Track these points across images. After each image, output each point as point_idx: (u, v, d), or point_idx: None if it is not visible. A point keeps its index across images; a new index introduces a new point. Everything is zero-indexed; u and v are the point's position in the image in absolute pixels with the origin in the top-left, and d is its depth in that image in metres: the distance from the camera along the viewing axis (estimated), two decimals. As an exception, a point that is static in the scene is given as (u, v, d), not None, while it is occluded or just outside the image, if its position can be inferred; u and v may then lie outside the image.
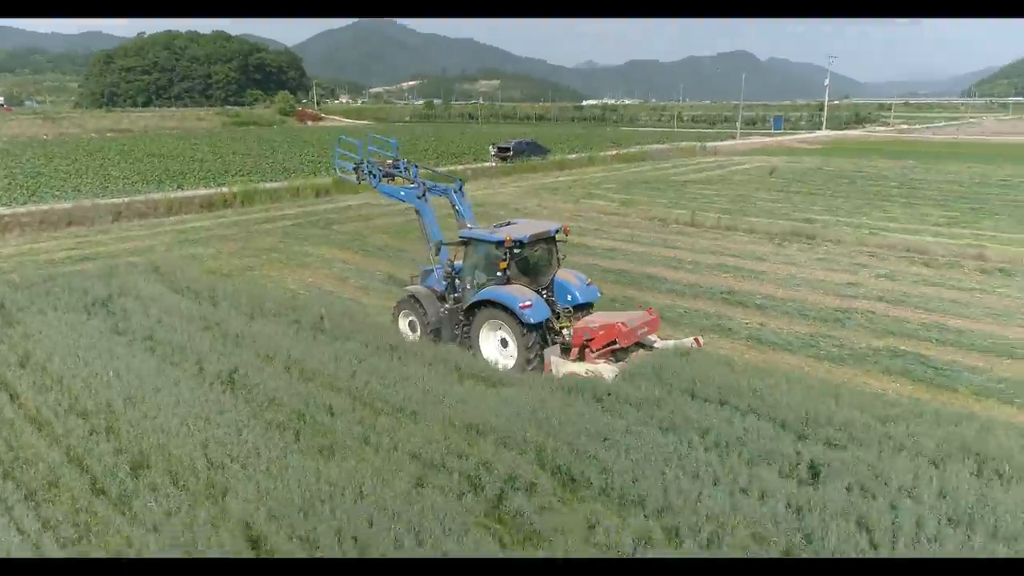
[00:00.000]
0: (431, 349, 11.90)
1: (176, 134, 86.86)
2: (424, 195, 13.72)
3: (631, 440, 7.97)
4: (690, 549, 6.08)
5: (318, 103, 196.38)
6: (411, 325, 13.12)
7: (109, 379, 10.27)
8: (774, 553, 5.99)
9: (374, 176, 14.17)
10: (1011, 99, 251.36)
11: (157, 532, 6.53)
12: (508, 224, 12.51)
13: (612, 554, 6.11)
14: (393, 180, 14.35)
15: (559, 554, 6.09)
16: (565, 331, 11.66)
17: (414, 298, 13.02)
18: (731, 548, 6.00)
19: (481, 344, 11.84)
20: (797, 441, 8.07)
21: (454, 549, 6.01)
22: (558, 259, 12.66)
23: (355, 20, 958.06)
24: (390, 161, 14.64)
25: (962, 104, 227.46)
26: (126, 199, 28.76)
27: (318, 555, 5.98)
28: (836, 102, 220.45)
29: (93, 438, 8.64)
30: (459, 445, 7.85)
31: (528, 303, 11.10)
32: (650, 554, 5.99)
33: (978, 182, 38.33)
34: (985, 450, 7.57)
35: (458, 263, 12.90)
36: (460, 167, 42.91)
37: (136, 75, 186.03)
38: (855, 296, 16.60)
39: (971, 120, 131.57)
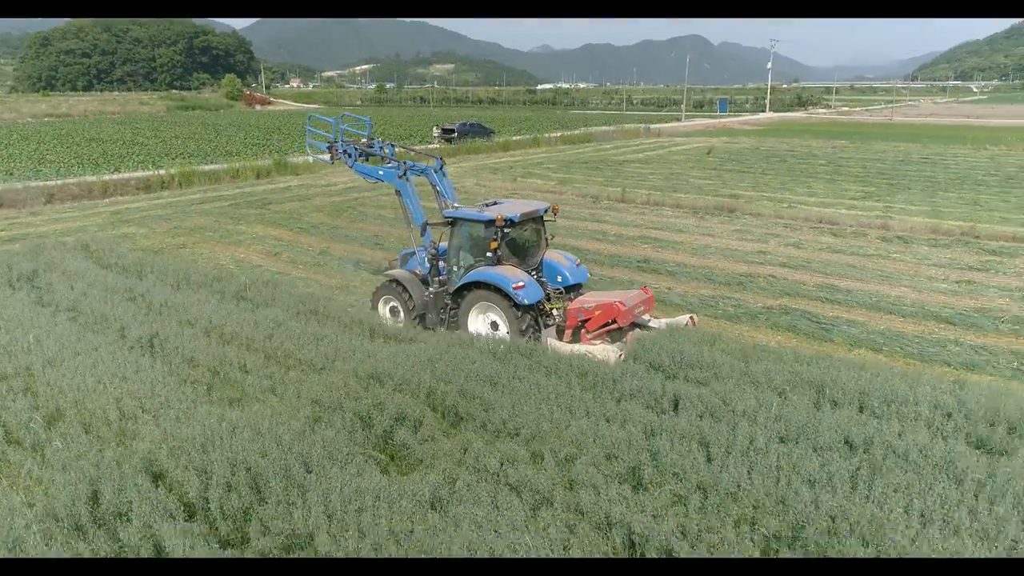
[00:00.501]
0: (349, 315, 12.48)
1: (118, 119, 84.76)
2: (405, 174, 12.99)
3: (516, 383, 8.72)
4: (549, 466, 6.86)
5: (267, 87, 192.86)
6: (393, 311, 12.68)
7: (29, 345, 10.60)
8: (622, 469, 6.80)
9: (349, 155, 13.58)
10: (950, 83, 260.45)
11: (65, 471, 7.04)
12: (495, 204, 12.15)
13: (481, 474, 6.85)
14: (368, 160, 13.80)
15: (433, 475, 6.81)
16: (556, 312, 11.44)
17: (396, 282, 12.55)
18: (583, 466, 6.79)
19: (470, 328, 11.46)
20: (666, 380, 8.93)
21: (338, 474, 6.67)
22: (546, 239, 12.40)
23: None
24: (364, 140, 14.07)
25: (904, 88, 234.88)
26: (59, 182, 28.45)
27: (211, 484, 6.57)
28: (785, 86, 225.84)
29: (10, 397, 9.04)
30: (357, 391, 8.50)
31: (521, 283, 10.78)
32: (515, 475, 6.73)
33: (901, 160, 40.19)
34: (825, 382, 8.53)
35: (442, 245, 12.54)
36: (402, 149, 43.17)
37: (76, 58, 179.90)
38: (761, 263, 17.68)
39: (910, 103, 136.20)
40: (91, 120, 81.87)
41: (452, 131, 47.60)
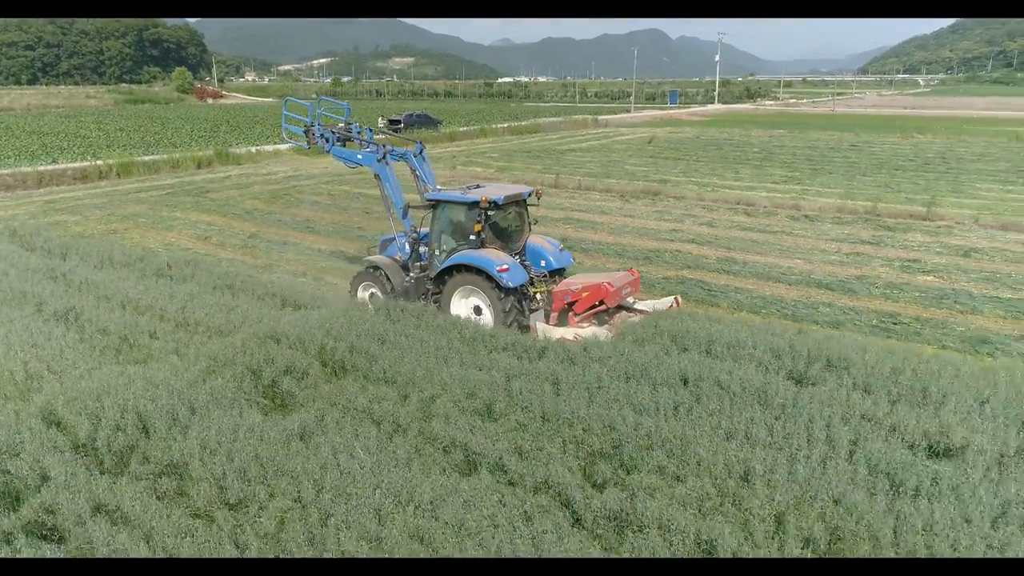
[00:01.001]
0: (267, 288, 13.09)
1: (62, 112, 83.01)
2: (384, 158, 12.89)
3: (403, 340, 9.50)
4: (412, 404, 7.65)
5: (221, 81, 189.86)
6: (372, 297, 12.46)
7: (-58, 319, 11.03)
8: (479, 405, 7.62)
9: (327, 140, 13.50)
10: (897, 76, 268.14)
11: (-35, 422, 7.58)
12: (478, 187, 11.94)
13: (349, 411, 7.61)
14: (346, 145, 13.73)
15: (306, 413, 7.55)
16: (540, 297, 11.37)
17: (376, 268, 12.42)
18: (443, 402, 7.59)
19: (453, 312, 11.24)
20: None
21: (220, 416, 7.36)
22: (529, 224, 12.26)
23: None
24: (342, 125, 13.91)
25: (853, 81, 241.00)
26: (-8, 172, 28.31)
27: (101, 426, 7.21)
28: (739, 79, 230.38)
29: (-82, 364, 9.50)
30: (252, 348, 9.17)
31: (506, 266, 10.69)
32: (380, 411, 7.50)
33: (831, 147, 41.90)
34: (681, 333, 9.47)
35: (423, 230, 12.44)
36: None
37: (19, 51, 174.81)
38: (672, 240, 18.71)
39: (856, 95, 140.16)
40: (34, 114, 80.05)
41: (398, 122, 48.05)
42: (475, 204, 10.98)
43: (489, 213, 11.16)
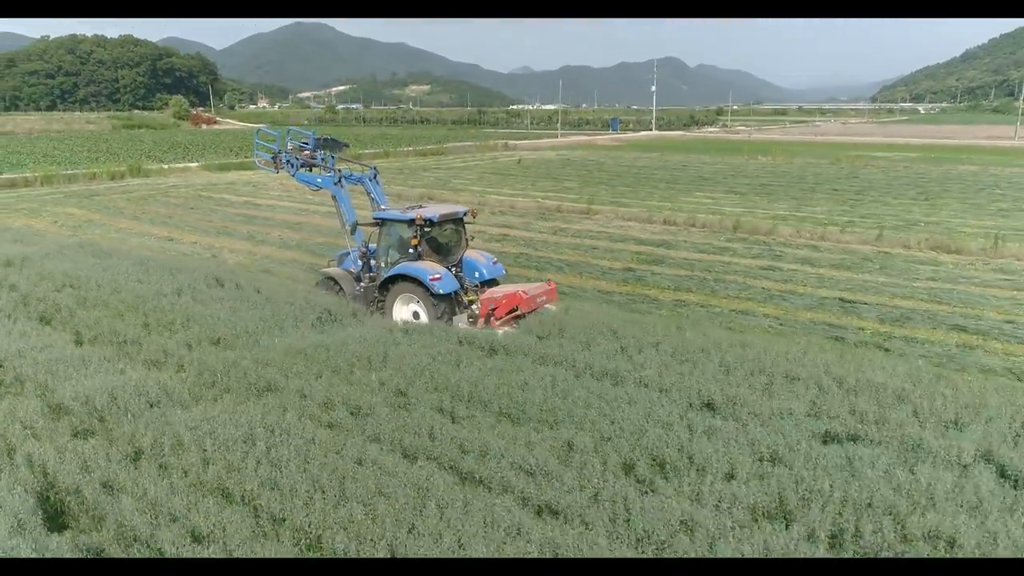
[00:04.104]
0: (54, 242, 20.80)
1: (56, 136, 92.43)
2: (340, 181, 14.52)
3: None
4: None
5: (232, 107, 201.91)
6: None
7: None
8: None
9: (292, 165, 15.01)
10: (898, 105, 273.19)
11: None
12: (420, 206, 13.47)
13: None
14: (311, 170, 15.04)
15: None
16: (473, 304, 12.71)
17: (331, 279, 14.24)
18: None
19: (395, 316, 12.80)
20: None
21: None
22: (467, 239, 13.78)
23: (286, 23, 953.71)
24: (307, 152, 15.27)
25: (852, 110, 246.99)
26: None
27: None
28: (736, 106, 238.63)
29: None
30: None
31: (438, 276, 12.17)
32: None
33: (660, 166, 49.30)
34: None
35: (372, 245, 14.02)
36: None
37: (40, 79, 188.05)
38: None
39: (817, 123, 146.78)
40: (30, 137, 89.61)
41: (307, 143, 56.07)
42: (412, 221, 12.58)
43: (426, 229, 12.69)
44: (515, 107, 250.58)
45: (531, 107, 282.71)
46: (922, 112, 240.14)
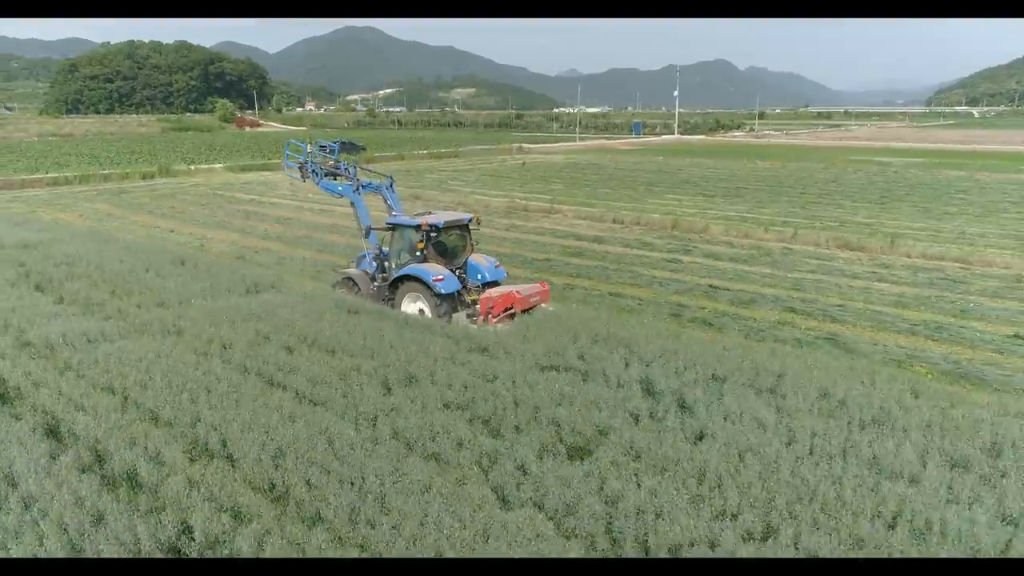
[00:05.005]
0: (74, 231, 24.65)
1: (109, 138, 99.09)
2: (358, 189, 15.91)
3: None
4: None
5: (280, 110, 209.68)
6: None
7: None
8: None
9: (316, 174, 16.32)
10: (951, 108, 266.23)
11: None
12: (429, 213, 14.88)
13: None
14: (335, 178, 16.38)
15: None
16: (475, 303, 13.88)
17: (350, 279, 15.56)
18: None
19: (403, 311, 14.03)
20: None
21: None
22: (472, 244, 15.01)
23: (337, 28, 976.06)
24: (331, 162, 16.54)
25: (874, 113, 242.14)
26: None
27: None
28: (778, 110, 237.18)
29: None
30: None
31: (440, 277, 13.37)
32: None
33: (658, 170, 51.65)
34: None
35: (386, 248, 15.35)
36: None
37: (99, 83, 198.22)
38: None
39: (850, 128, 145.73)
40: (87, 139, 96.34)
41: (326, 147, 60.04)
42: (418, 227, 13.81)
43: (432, 235, 13.93)
44: (557, 110, 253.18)
45: (572, 110, 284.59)
46: (976, 116, 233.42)
